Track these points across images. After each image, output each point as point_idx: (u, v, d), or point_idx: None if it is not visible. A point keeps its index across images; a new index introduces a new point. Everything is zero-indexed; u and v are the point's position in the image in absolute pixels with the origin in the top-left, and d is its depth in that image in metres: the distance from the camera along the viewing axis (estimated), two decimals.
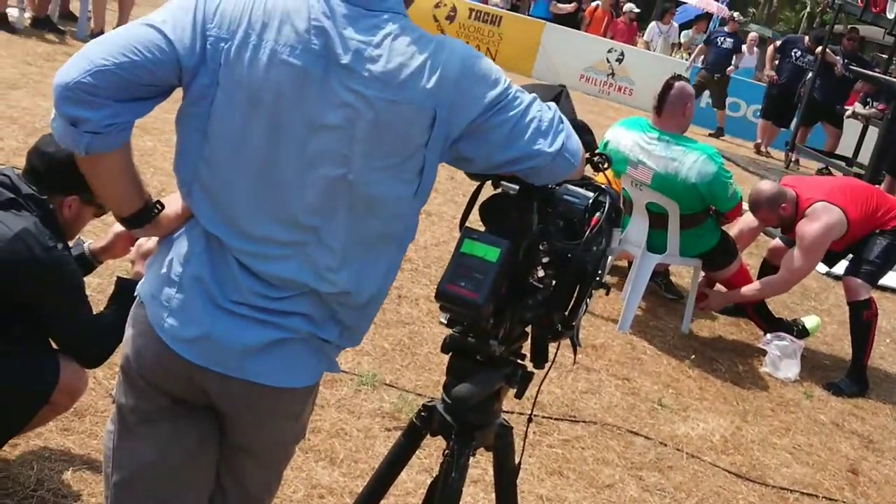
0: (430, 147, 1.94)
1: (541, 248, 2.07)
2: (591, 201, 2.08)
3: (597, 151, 2.33)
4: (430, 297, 5.48)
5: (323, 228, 1.94)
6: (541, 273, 2.08)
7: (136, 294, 2.08)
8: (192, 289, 1.97)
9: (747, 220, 6.35)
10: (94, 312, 2.99)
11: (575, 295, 2.17)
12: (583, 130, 2.27)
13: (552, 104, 2.07)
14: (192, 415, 2.09)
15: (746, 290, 6.07)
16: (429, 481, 2.66)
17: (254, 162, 1.92)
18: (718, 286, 6.27)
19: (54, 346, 3.02)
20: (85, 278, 3.06)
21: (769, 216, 5.91)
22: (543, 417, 4.46)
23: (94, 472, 3.27)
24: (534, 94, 2.04)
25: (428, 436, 2.44)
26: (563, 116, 2.06)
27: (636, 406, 4.90)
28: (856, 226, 5.76)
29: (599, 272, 2.15)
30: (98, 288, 4.24)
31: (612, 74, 17.96)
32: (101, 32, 10.04)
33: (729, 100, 17.62)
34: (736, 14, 17.74)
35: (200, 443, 2.11)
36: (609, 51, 17.88)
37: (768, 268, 6.34)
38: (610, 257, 2.21)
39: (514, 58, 17.74)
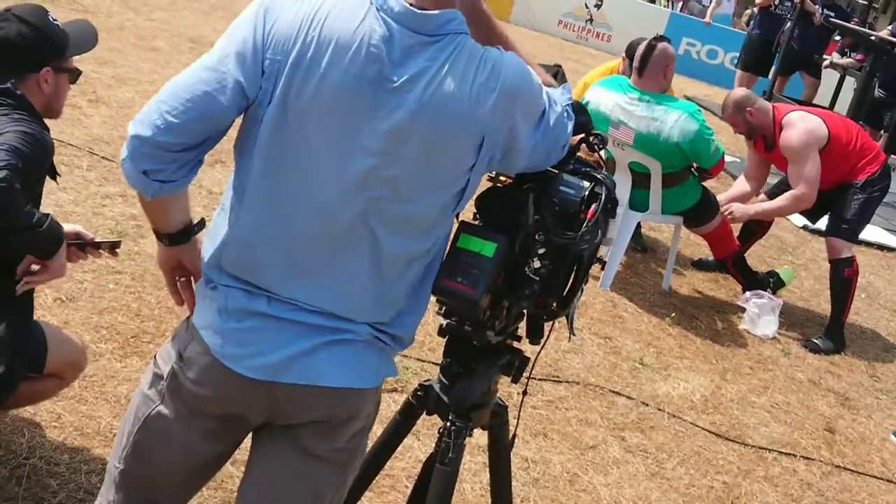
0: (475, 170, 1.95)
1: (537, 238, 2.08)
2: (587, 193, 2.09)
3: (592, 132, 2.33)
4: None
5: (349, 264, 1.95)
6: (536, 264, 2.09)
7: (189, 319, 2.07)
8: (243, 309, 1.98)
9: (739, 186, 6.39)
10: None
11: (571, 279, 2.20)
12: (578, 111, 2.27)
13: (565, 98, 2.09)
14: (227, 433, 2.09)
15: (768, 206, 6.07)
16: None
17: (294, 184, 1.91)
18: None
19: None
20: None
21: (735, 119, 5.93)
22: (528, 378, 4.50)
23: (84, 439, 3.30)
24: (553, 97, 2.05)
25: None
26: (568, 108, 2.07)
27: (618, 365, 4.96)
28: (838, 144, 5.77)
29: (596, 259, 2.18)
30: None
31: (591, 20, 17.88)
32: None
33: (707, 47, 17.63)
34: None
35: (217, 459, 2.13)
36: None
37: (747, 225, 6.39)
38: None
39: (492, 3, 17.48)
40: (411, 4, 1.87)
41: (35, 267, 2.73)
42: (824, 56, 13.76)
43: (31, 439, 3.22)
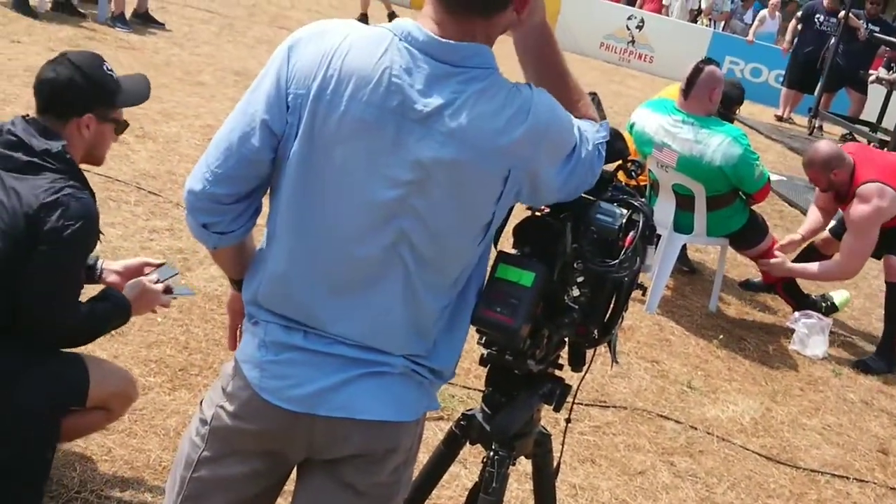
0: (500, 204, 1.94)
1: (575, 266, 2.08)
2: (624, 220, 2.08)
3: (629, 159, 2.33)
4: None
5: (382, 296, 1.95)
6: (576, 292, 2.09)
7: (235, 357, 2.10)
8: (281, 343, 2.00)
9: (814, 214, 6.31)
10: None
11: (611, 306, 2.19)
12: (615, 137, 2.27)
13: (599, 136, 2.07)
14: (269, 471, 2.10)
15: (808, 269, 5.97)
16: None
17: (321, 218, 1.93)
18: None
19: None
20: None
21: (819, 177, 5.78)
22: (574, 403, 4.48)
23: (135, 472, 3.33)
24: (586, 135, 2.03)
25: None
26: (600, 146, 2.07)
27: (665, 389, 4.93)
28: None
29: (637, 286, 2.17)
30: None
31: (633, 42, 17.87)
32: (122, 14, 10.09)
33: (751, 65, 17.52)
34: None
35: (262, 497, 2.12)
36: (629, 18, 17.78)
37: (812, 252, 6.26)
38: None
39: None
40: (435, 35, 1.87)
41: None
42: (870, 71, 13.63)
43: (82, 473, 3.26)
